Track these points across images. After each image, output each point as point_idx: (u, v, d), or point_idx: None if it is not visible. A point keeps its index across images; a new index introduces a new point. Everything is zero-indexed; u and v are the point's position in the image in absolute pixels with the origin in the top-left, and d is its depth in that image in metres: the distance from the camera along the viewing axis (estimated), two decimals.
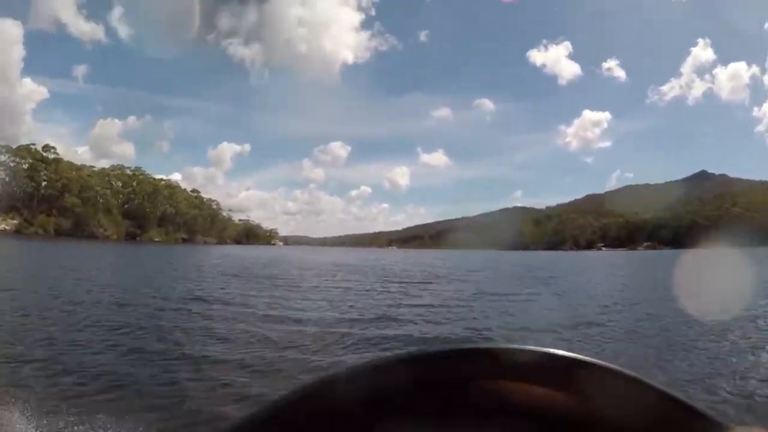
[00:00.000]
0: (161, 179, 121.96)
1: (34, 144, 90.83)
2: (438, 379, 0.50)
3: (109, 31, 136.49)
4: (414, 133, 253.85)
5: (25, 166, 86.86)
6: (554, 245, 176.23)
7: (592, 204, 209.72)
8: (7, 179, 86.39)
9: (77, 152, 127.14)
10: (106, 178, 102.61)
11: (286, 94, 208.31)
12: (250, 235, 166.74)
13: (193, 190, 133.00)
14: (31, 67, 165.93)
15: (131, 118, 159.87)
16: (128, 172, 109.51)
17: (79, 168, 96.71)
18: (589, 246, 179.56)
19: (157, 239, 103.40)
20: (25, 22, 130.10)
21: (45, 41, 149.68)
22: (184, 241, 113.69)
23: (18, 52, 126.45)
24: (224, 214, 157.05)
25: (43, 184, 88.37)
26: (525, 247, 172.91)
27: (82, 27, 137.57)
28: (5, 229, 76.66)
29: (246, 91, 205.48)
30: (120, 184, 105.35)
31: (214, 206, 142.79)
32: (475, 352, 0.52)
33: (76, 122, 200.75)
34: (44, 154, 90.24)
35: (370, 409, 0.49)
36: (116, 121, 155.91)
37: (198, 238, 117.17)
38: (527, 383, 0.49)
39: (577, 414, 0.48)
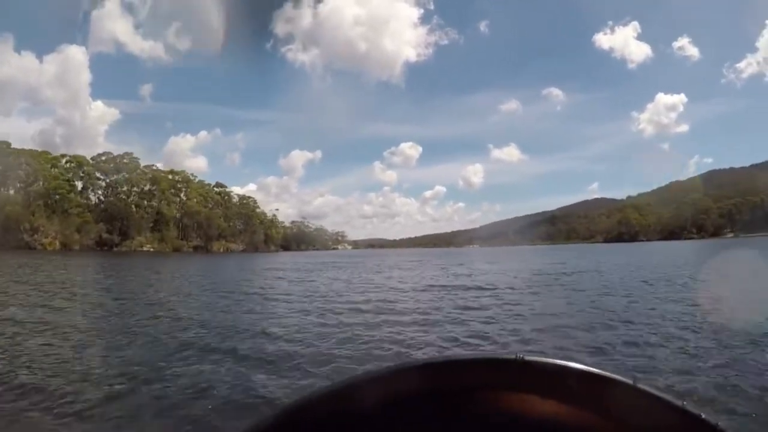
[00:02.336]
0: (171, 170, 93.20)
1: None
2: (456, 388, 0.49)
3: (168, 47, 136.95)
4: (484, 128, 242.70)
5: None
6: (672, 234, 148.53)
7: (678, 191, 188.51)
8: None
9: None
10: (82, 169, 74.26)
11: (351, 96, 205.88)
12: (303, 239, 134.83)
13: (218, 184, 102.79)
14: (100, 90, 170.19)
15: (202, 133, 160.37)
16: (117, 161, 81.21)
17: (35, 155, 68.65)
18: (717, 233, 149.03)
19: (147, 247, 72.65)
20: (86, 46, 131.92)
21: (108, 63, 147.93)
22: (197, 249, 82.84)
23: (86, 76, 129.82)
24: (268, 215, 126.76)
25: None
26: (632, 237, 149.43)
27: (141, 45, 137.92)
28: None
29: (311, 97, 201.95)
30: (100, 176, 76.78)
31: (251, 204, 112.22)
32: (494, 362, 0.51)
33: (149, 140, 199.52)
34: None
35: (388, 415, 0.48)
36: (188, 136, 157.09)
37: (213, 244, 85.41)
38: (546, 396, 0.47)
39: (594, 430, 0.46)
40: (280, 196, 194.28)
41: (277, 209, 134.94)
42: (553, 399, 0.47)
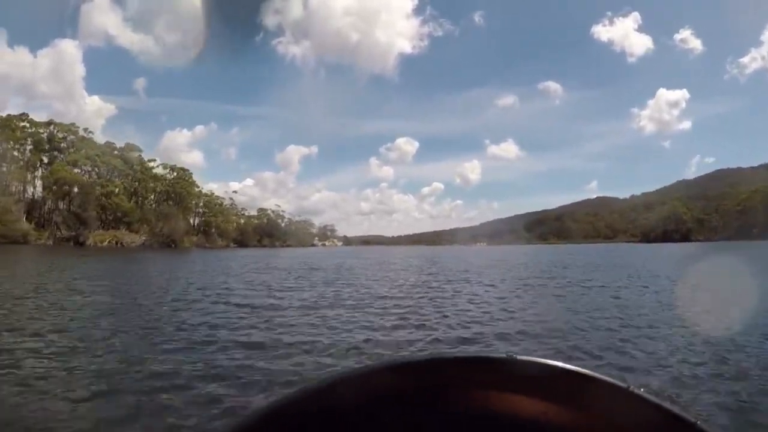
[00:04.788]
0: (50, 121, 62.39)
1: None
2: (436, 387, 0.49)
3: (158, 40, 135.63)
4: (480, 123, 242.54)
5: None
6: (740, 232, 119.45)
7: (685, 190, 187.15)
8: None
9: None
10: None
11: (345, 90, 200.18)
12: (270, 233, 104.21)
13: (128, 146, 71.67)
14: (93, 85, 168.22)
15: (198, 128, 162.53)
16: None
17: None
18: None
19: None
20: (77, 40, 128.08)
21: (99, 57, 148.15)
22: (62, 241, 52.52)
23: (79, 70, 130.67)
24: (225, 199, 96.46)
25: None
26: (684, 236, 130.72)
27: (131, 38, 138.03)
28: None
29: (305, 91, 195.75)
30: None
31: (186, 179, 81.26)
32: (473, 360, 0.51)
33: (145, 135, 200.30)
34: None
35: (374, 411, 0.48)
36: (185, 131, 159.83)
37: (90, 235, 54.47)
38: (525, 395, 0.47)
39: (574, 429, 0.46)
40: (277, 192, 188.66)
41: (235, 191, 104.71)
42: (542, 398, 0.47)
